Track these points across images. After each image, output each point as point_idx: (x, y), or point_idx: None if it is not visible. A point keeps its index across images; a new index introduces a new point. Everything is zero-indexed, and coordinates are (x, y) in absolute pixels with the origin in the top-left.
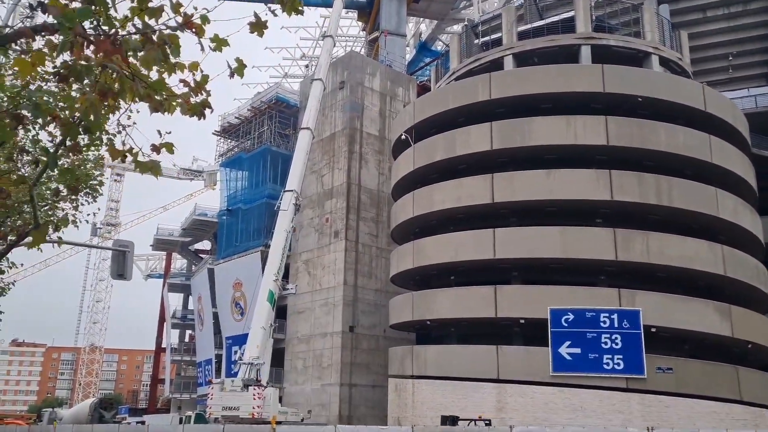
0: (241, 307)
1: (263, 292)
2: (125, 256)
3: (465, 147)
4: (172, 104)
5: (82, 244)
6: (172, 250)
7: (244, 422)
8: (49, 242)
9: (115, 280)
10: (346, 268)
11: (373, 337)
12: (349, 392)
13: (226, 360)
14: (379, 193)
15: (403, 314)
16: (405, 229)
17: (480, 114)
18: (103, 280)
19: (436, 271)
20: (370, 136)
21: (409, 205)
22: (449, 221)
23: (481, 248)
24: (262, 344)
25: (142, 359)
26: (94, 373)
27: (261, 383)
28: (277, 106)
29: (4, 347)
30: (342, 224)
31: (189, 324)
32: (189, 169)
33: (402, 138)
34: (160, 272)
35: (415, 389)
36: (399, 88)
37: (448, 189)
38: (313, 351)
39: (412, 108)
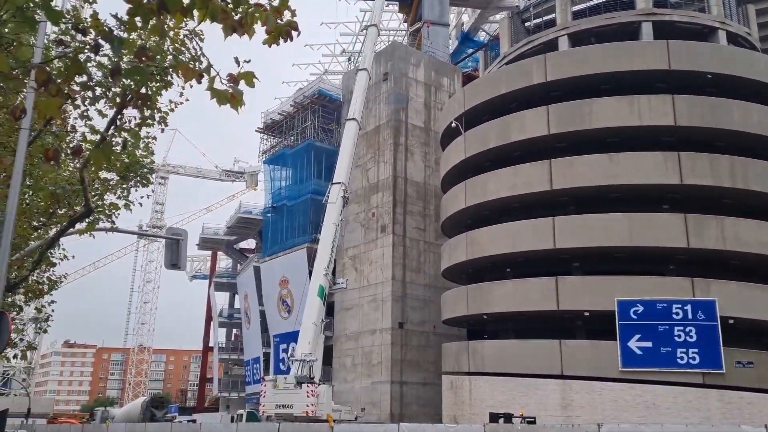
0: (288, 304)
1: (313, 287)
2: (179, 244)
3: (520, 132)
4: (255, 16)
5: (133, 232)
6: (217, 249)
7: (298, 420)
8: (100, 230)
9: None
10: (394, 263)
11: (423, 334)
12: (400, 390)
13: (274, 358)
14: (426, 186)
15: (457, 309)
16: (456, 221)
17: (534, 98)
18: (150, 282)
19: (490, 263)
20: (416, 128)
21: (461, 196)
22: (504, 211)
23: (540, 238)
24: (313, 340)
25: (189, 359)
26: (143, 373)
27: (314, 380)
28: (319, 100)
29: (57, 348)
30: (389, 218)
31: (236, 323)
32: (231, 171)
33: (452, 126)
34: (205, 273)
35: (473, 386)
36: (444, 78)
37: (503, 177)
38: (361, 348)
39: (461, 95)
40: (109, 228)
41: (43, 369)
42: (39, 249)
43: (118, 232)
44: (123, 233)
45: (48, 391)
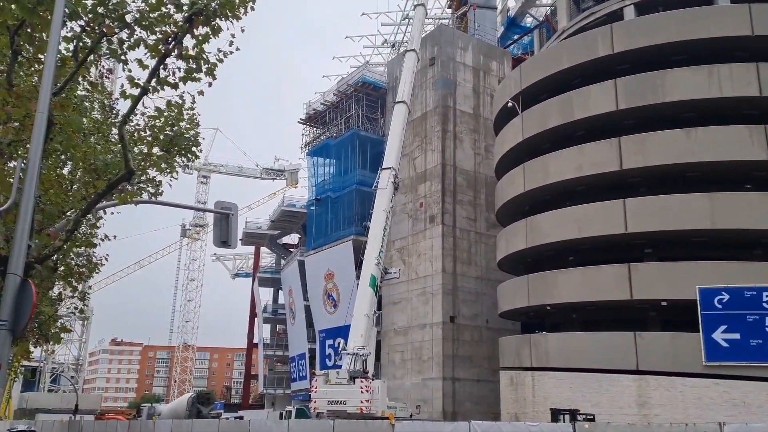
0: (333, 298)
1: (364, 277)
2: (229, 220)
3: (584, 109)
4: None
5: (176, 204)
6: (260, 244)
7: (351, 417)
8: (142, 202)
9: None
10: (444, 254)
11: (475, 328)
12: (453, 387)
13: (320, 354)
14: (476, 175)
15: (516, 300)
16: (512, 208)
17: (599, 72)
18: (193, 280)
19: (552, 251)
20: (464, 114)
21: (519, 179)
22: (566, 195)
23: (610, 222)
24: (366, 333)
25: (232, 357)
26: (188, 371)
27: (368, 375)
28: (363, 89)
29: (105, 346)
30: (438, 208)
31: (280, 318)
32: (271, 169)
33: (508, 106)
34: (247, 271)
35: (536, 383)
36: (493, 62)
37: (567, 157)
38: (411, 343)
39: (517, 73)
40: (150, 200)
41: (92, 366)
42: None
43: (162, 205)
44: (166, 205)
45: (96, 388)
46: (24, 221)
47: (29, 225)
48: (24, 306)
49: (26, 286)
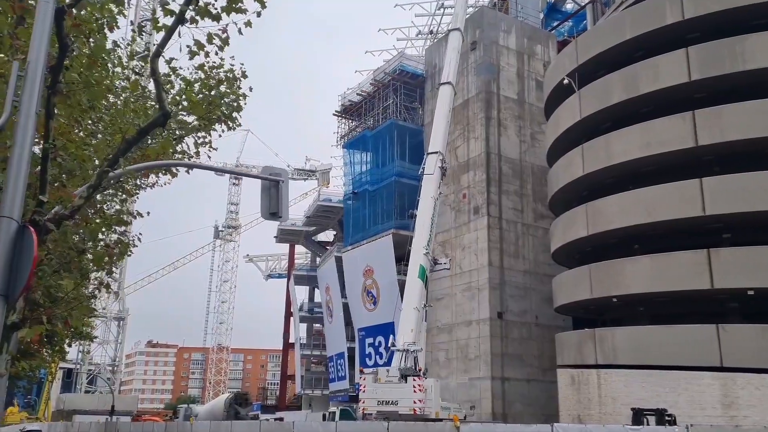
0: (373, 295)
1: (412, 268)
2: (279, 187)
3: (652, 82)
4: None
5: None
6: (295, 241)
7: (403, 419)
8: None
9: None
10: (490, 247)
11: (524, 325)
12: (502, 387)
13: (359, 353)
14: (522, 163)
15: (576, 293)
16: (568, 194)
17: (666, 42)
18: (226, 282)
19: (616, 238)
20: (508, 100)
21: (577, 162)
22: (630, 177)
23: (684, 204)
24: (416, 327)
25: (266, 358)
26: (222, 372)
27: (421, 373)
28: (401, 77)
29: (141, 348)
30: (482, 199)
31: (317, 317)
32: (302, 169)
33: (564, 83)
34: (280, 272)
35: (602, 381)
36: (537, 45)
37: (633, 135)
38: (456, 341)
39: (572, 48)
40: (189, 164)
41: (128, 368)
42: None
43: (202, 169)
44: (207, 169)
45: (133, 389)
46: (23, 144)
47: (28, 150)
48: (22, 261)
49: (25, 235)
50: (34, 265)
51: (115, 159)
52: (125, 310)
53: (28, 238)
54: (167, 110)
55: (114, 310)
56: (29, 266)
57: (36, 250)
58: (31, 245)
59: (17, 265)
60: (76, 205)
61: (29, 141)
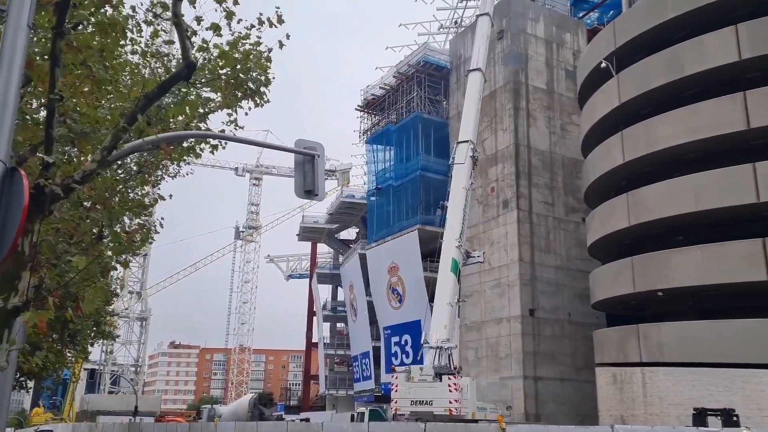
0: (398, 293)
1: (444, 262)
2: (314, 163)
3: (698, 63)
4: None
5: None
6: (317, 239)
7: (438, 420)
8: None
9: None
10: (520, 242)
11: (556, 322)
12: (535, 386)
13: (385, 352)
14: (552, 155)
15: (617, 287)
16: (605, 185)
17: (710, 21)
18: (247, 282)
19: (660, 229)
20: (537, 90)
21: (616, 150)
22: (673, 164)
23: (736, 191)
24: (450, 323)
25: (287, 359)
26: (244, 373)
27: (457, 371)
28: (425, 69)
29: (164, 349)
30: (512, 192)
31: (340, 316)
32: None
33: (602, 66)
34: (301, 272)
35: (647, 380)
36: (566, 34)
37: (678, 120)
38: (486, 339)
39: (609, 30)
40: (220, 135)
41: (151, 369)
42: (115, 131)
43: (235, 141)
44: (240, 142)
45: (156, 390)
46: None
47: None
48: (10, 211)
49: (14, 180)
50: (24, 216)
51: (133, 116)
52: (148, 310)
53: (17, 183)
54: (192, 60)
55: (136, 311)
56: (18, 217)
57: (27, 196)
58: (21, 191)
59: (4, 216)
60: (88, 170)
61: (19, 60)
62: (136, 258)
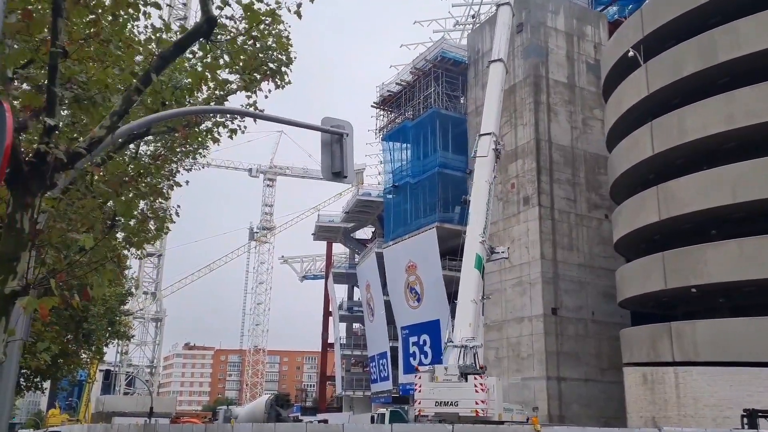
0: (416, 292)
1: (468, 258)
2: (342, 142)
3: (732, 49)
4: None
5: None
6: (333, 239)
7: (463, 421)
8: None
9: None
10: (542, 239)
11: (580, 321)
12: (558, 387)
13: (403, 352)
14: (574, 150)
15: (648, 284)
16: (631, 178)
17: (745, 6)
18: (262, 283)
19: (692, 223)
20: (558, 84)
21: (645, 141)
22: (706, 156)
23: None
24: (474, 321)
25: (302, 360)
26: (259, 374)
27: (482, 371)
28: (442, 64)
29: (179, 350)
30: (533, 188)
31: (356, 316)
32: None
33: (629, 55)
34: (315, 273)
35: (680, 380)
36: (587, 26)
37: (713, 108)
38: (507, 339)
39: (637, 18)
40: (244, 111)
41: (166, 370)
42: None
43: (258, 118)
44: (264, 119)
45: (171, 391)
46: None
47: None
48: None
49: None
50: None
51: (147, 76)
52: (163, 311)
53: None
54: (212, 14)
55: (151, 311)
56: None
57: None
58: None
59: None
60: (96, 137)
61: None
62: (151, 258)
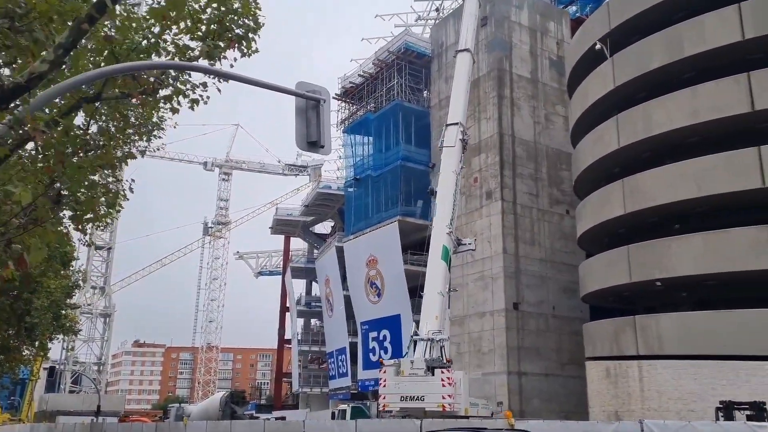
0: (377, 286)
1: (434, 249)
2: (318, 109)
3: (697, 44)
4: None
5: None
6: (291, 233)
7: (428, 416)
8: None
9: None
10: (504, 233)
11: (540, 316)
12: (519, 382)
13: (362, 348)
14: (536, 145)
15: (611, 278)
16: (596, 172)
17: (710, 3)
18: (216, 279)
19: (657, 216)
20: (521, 79)
21: (610, 135)
22: (671, 150)
23: (740, 176)
24: (441, 314)
25: (256, 358)
26: (212, 372)
27: (449, 365)
28: (406, 56)
29: (128, 348)
30: (496, 183)
31: (315, 311)
32: (293, 165)
33: (596, 48)
34: (271, 269)
35: (645, 374)
36: (550, 22)
37: (678, 102)
38: (468, 334)
39: (603, 12)
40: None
41: (114, 368)
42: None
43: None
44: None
45: (120, 390)
46: None
47: None
48: None
49: None
50: None
51: (101, 3)
52: (111, 306)
53: None
54: None
55: (100, 307)
56: None
57: None
58: None
59: None
60: (37, 72)
61: None
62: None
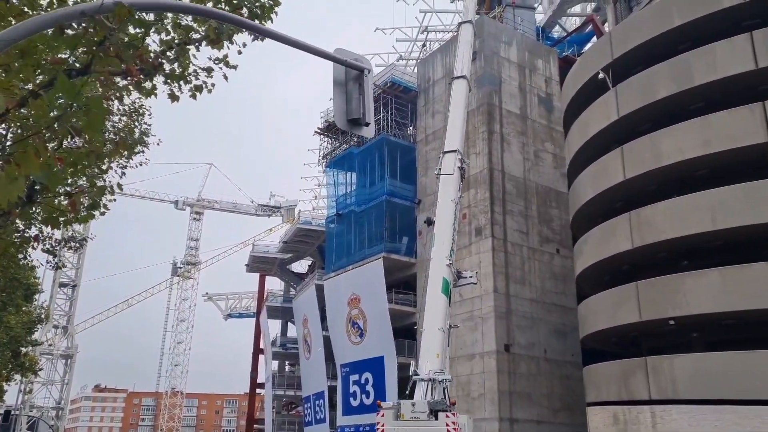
0: (359, 326)
1: (434, 282)
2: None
3: (708, 73)
4: None
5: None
6: (267, 271)
7: None
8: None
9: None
10: (495, 272)
11: (532, 359)
12: (510, 429)
13: (342, 392)
14: (526, 182)
15: (619, 316)
16: (598, 206)
17: (720, 29)
18: (183, 321)
19: (668, 251)
20: (511, 114)
21: (615, 167)
22: (679, 182)
23: (758, 208)
24: (442, 352)
25: (221, 404)
26: (175, 418)
27: (453, 407)
28: (392, 90)
29: (88, 393)
30: (486, 219)
31: (291, 353)
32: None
33: (599, 77)
34: (241, 312)
35: (658, 420)
36: (538, 60)
37: (688, 132)
38: (457, 378)
39: (606, 41)
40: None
41: (73, 414)
42: None
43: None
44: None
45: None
46: None
47: None
48: None
49: None
50: None
51: None
52: (74, 347)
53: None
54: None
55: (61, 347)
56: None
57: None
58: None
59: None
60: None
61: None
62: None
